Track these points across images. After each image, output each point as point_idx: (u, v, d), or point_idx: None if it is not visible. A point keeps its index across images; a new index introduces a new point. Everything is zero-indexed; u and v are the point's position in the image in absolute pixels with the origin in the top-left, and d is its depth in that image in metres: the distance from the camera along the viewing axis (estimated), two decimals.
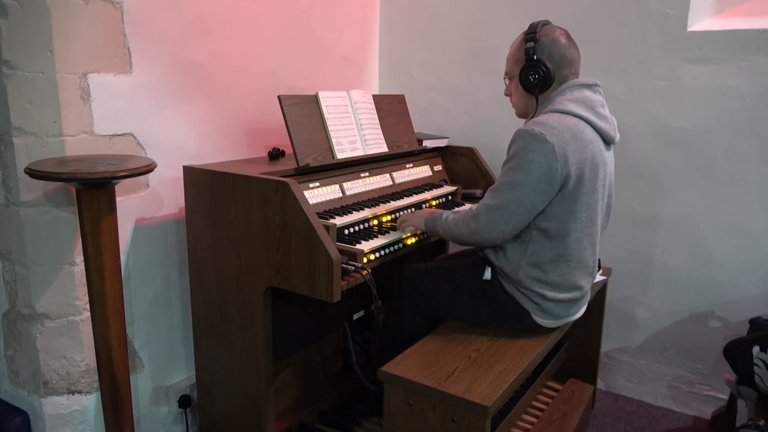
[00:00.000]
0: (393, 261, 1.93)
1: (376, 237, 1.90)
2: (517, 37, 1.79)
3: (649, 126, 2.41)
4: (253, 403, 1.89)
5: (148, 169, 1.61)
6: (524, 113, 1.83)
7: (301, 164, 1.91)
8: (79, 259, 1.78)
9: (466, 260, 1.96)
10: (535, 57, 1.70)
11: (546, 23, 1.75)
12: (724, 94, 2.24)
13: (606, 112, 1.75)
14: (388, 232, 1.95)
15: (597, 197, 1.70)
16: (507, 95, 1.88)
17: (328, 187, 2.01)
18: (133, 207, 1.95)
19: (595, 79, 1.74)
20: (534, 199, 1.61)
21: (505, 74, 1.85)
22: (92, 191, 1.57)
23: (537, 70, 1.70)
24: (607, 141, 1.74)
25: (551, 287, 1.73)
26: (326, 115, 2.06)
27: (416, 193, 2.29)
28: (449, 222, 1.80)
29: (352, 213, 1.94)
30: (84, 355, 1.86)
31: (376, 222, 2.02)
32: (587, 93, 1.71)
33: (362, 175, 2.19)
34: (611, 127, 1.74)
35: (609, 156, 1.77)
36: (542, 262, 1.70)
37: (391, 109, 2.44)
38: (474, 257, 1.91)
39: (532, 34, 1.71)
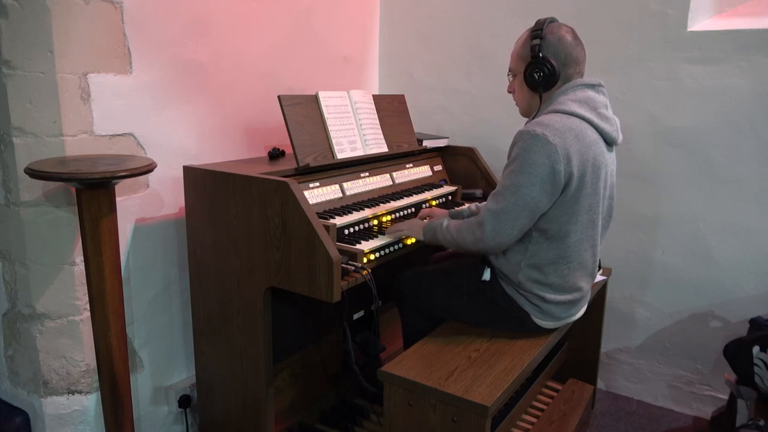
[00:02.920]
0: (393, 261, 1.93)
1: (376, 237, 1.90)
2: (523, 34, 1.76)
3: (649, 126, 2.41)
4: (253, 403, 1.89)
5: (148, 169, 1.61)
6: (527, 111, 1.81)
7: (301, 164, 1.91)
8: (79, 259, 1.78)
9: (464, 261, 1.95)
10: (540, 55, 1.67)
11: (552, 20, 1.72)
12: (724, 94, 2.25)
13: (609, 113, 1.73)
14: None
15: (598, 199, 1.69)
16: (510, 92, 1.85)
17: (328, 187, 2.01)
18: (133, 207, 1.95)
19: (599, 80, 1.72)
20: (539, 201, 1.59)
21: (509, 71, 1.82)
22: (92, 191, 1.57)
23: (542, 68, 1.67)
24: (609, 142, 1.72)
25: (551, 289, 1.72)
26: (326, 115, 2.06)
27: (416, 193, 2.29)
28: (451, 231, 1.75)
29: (352, 213, 1.94)
30: (84, 355, 1.86)
31: (376, 222, 2.02)
32: (591, 93, 1.69)
33: (362, 175, 2.19)
34: (614, 128, 1.72)
35: (611, 157, 1.76)
36: (542, 264, 1.69)
37: (391, 109, 2.43)
38: (473, 258, 1.91)
39: (538, 31, 1.68)
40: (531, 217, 1.62)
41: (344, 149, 2.09)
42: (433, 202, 2.31)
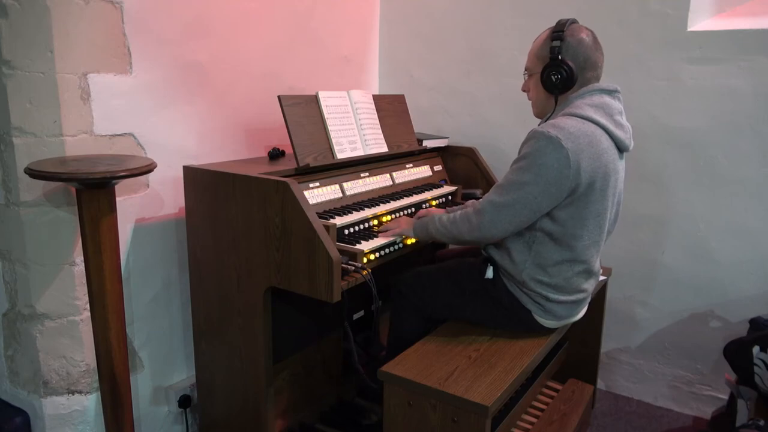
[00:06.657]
0: (393, 261, 1.93)
1: (376, 237, 1.90)
2: (542, 33, 1.73)
3: (649, 126, 2.41)
4: (253, 403, 1.89)
5: (148, 169, 1.61)
6: (541, 112, 1.79)
7: (301, 164, 1.91)
8: (79, 259, 1.78)
9: (467, 260, 1.95)
10: (559, 56, 1.65)
11: (573, 21, 1.70)
12: (724, 94, 2.24)
13: (623, 120, 1.71)
14: None
15: (606, 205, 1.68)
16: (524, 91, 1.83)
17: (328, 187, 2.01)
18: (133, 207, 1.95)
19: (615, 85, 1.69)
20: (540, 202, 1.59)
21: (525, 69, 1.79)
22: (92, 191, 1.57)
23: (560, 71, 1.65)
24: (622, 149, 1.71)
25: (554, 289, 1.72)
26: (326, 115, 2.06)
27: (416, 193, 2.29)
28: (444, 223, 1.76)
29: (352, 213, 1.94)
30: (84, 355, 1.86)
31: (376, 222, 2.01)
32: (607, 99, 1.67)
33: (362, 175, 2.19)
34: (627, 135, 1.70)
35: (621, 165, 1.74)
36: (546, 264, 1.69)
37: (391, 109, 2.44)
38: (476, 256, 1.90)
39: (559, 32, 1.66)
40: (530, 215, 1.62)
41: (344, 149, 2.09)
42: (433, 202, 2.31)
